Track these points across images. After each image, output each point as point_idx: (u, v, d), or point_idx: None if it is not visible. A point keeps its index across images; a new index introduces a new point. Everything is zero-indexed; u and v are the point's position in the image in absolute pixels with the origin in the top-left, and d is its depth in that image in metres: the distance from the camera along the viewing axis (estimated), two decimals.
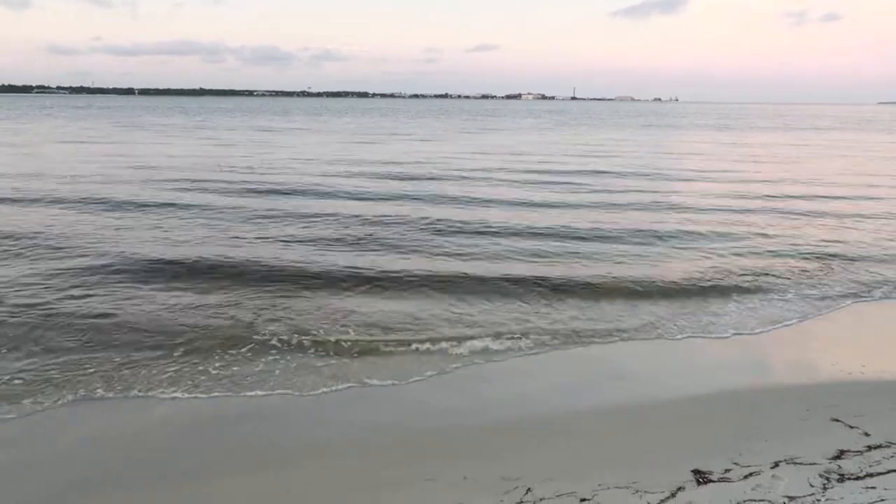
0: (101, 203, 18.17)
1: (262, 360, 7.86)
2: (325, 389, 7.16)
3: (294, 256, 12.61)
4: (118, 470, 5.61)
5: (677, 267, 12.34)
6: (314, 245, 13.64)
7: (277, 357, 7.94)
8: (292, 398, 6.97)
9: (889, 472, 5.25)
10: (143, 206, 17.85)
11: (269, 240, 14.06)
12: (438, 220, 16.44)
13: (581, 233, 15.23)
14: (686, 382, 7.55)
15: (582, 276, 11.56)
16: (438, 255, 13.02)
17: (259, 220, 16.12)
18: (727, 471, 5.34)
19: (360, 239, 14.21)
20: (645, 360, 8.32)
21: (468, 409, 6.87)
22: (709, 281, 11.43)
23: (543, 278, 11.36)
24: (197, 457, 5.81)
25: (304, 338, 8.51)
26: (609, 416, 6.65)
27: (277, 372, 7.54)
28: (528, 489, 5.13)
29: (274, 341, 8.37)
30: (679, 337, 8.96)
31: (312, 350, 8.18)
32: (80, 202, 18.22)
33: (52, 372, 7.40)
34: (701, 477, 5.27)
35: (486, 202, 19.38)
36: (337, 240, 14.17)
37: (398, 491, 5.24)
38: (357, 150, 37.43)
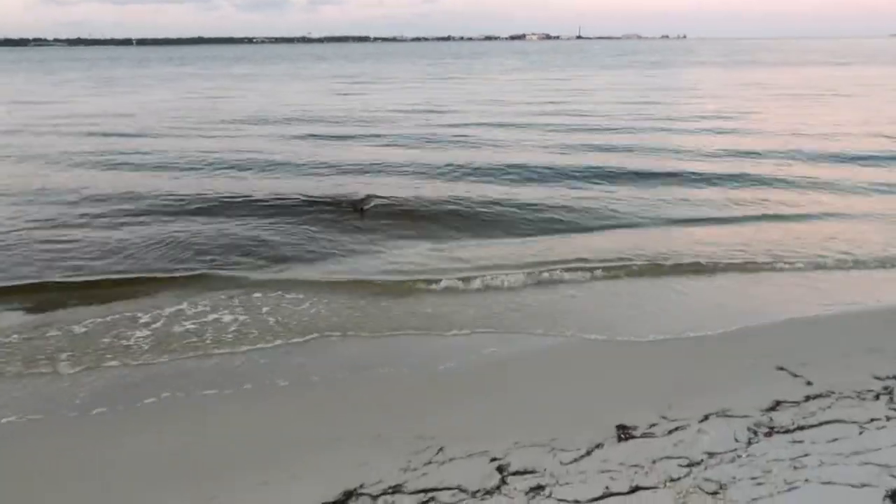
0: None
1: None
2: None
3: None
4: None
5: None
6: None
7: None
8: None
9: (821, 424, 4.99)
10: None
11: None
12: None
13: None
14: (627, 328, 7.22)
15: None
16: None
17: None
18: (653, 425, 5.08)
19: None
20: (583, 303, 8.01)
21: (387, 360, 6.60)
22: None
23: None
24: None
25: None
26: (538, 366, 6.36)
27: None
28: (441, 448, 4.89)
29: None
30: (625, 277, 8.63)
31: None
32: None
33: None
34: (624, 433, 5.01)
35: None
36: None
37: (300, 449, 5.00)
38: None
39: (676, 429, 5.01)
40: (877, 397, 5.38)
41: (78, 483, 4.75)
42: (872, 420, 5.00)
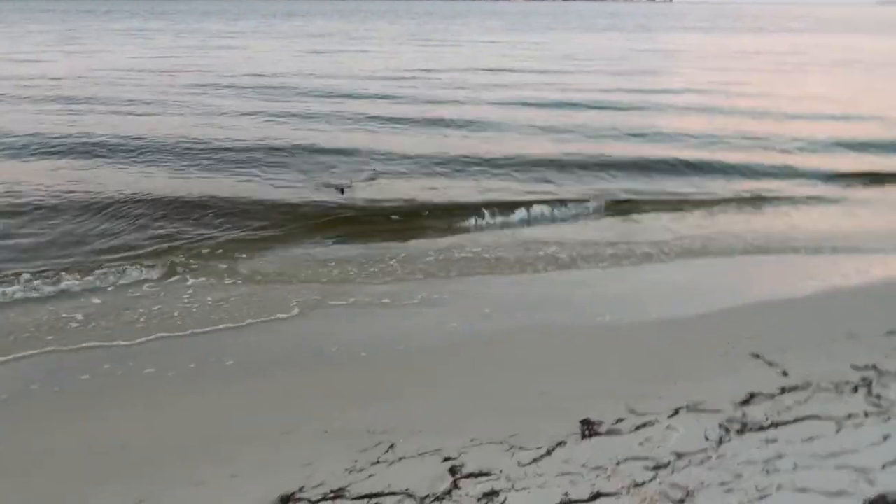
0: None
1: None
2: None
3: None
4: None
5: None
6: None
7: None
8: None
9: (797, 420, 4.71)
10: None
11: None
12: None
13: None
14: (596, 312, 6.88)
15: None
16: None
17: None
18: (619, 420, 4.77)
19: None
20: (557, 289, 7.62)
21: (343, 341, 6.22)
22: None
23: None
24: None
25: None
26: (502, 351, 6.01)
27: None
28: (392, 446, 4.54)
29: None
30: (603, 266, 8.22)
31: None
32: None
33: None
34: (588, 428, 4.69)
35: None
36: None
37: (244, 443, 4.62)
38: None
39: (644, 424, 4.69)
40: (855, 390, 5.11)
41: None
42: (850, 416, 4.72)
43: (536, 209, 9.99)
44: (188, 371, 5.70)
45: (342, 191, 10.69)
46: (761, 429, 4.60)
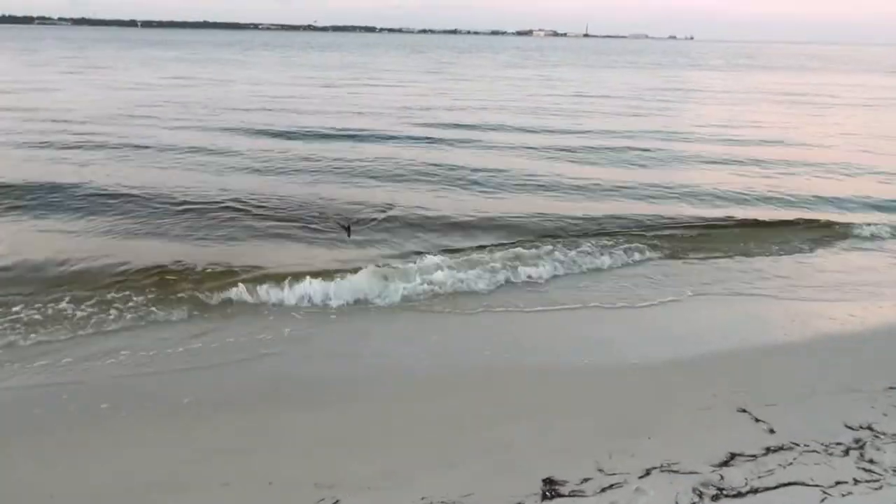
0: None
1: None
2: None
3: None
4: None
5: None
6: None
7: None
8: None
9: (779, 486, 4.31)
10: None
11: None
12: None
13: None
14: (569, 354, 6.53)
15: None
16: None
17: None
18: (585, 480, 4.40)
19: None
20: (526, 330, 7.21)
21: (297, 383, 5.94)
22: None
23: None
24: None
25: None
26: (464, 398, 5.66)
27: None
28: (336, 502, 4.22)
29: None
30: (575, 306, 7.78)
31: None
32: None
33: None
34: (550, 489, 4.33)
35: None
36: None
37: (183, 495, 4.32)
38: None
39: (611, 486, 4.33)
40: (846, 452, 4.70)
41: None
42: (838, 483, 4.32)
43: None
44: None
45: (348, 230, 10.12)
46: (739, 495, 4.21)
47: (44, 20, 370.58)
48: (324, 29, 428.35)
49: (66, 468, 4.70)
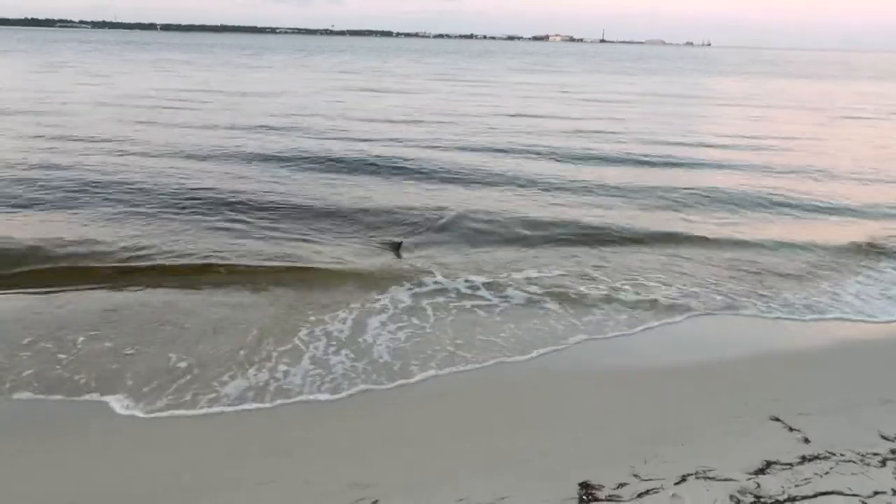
0: None
1: None
2: None
3: None
4: None
5: None
6: None
7: None
8: None
9: (816, 495, 4.29)
10: None
11: None
12: None
13: None
14: (606, 366, 6.51)
15: None
16: None
17: None
18: (621, 486, 4.41)
19: None
20: (558, 336, 7.16)
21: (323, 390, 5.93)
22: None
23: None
24: None
25: None
26: (502, 400, 5.70)
27: None
28: (375, 502, 4.26)
29: None
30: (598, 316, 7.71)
31: None
32: None
33: None
34: (587, 493, 4.35)
35: None
36: None
37: (220, 494, 4.39)
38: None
39: (647, 492, 4.33)
40: (883, 463, 4.67)
41: None
42: (876, 493, 4.30)
43: None
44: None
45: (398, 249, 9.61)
46: (777, 503, 4.20)
47: (65, 23, 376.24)
48: (341, 33, 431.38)
49: (86, 472, 4.77)
